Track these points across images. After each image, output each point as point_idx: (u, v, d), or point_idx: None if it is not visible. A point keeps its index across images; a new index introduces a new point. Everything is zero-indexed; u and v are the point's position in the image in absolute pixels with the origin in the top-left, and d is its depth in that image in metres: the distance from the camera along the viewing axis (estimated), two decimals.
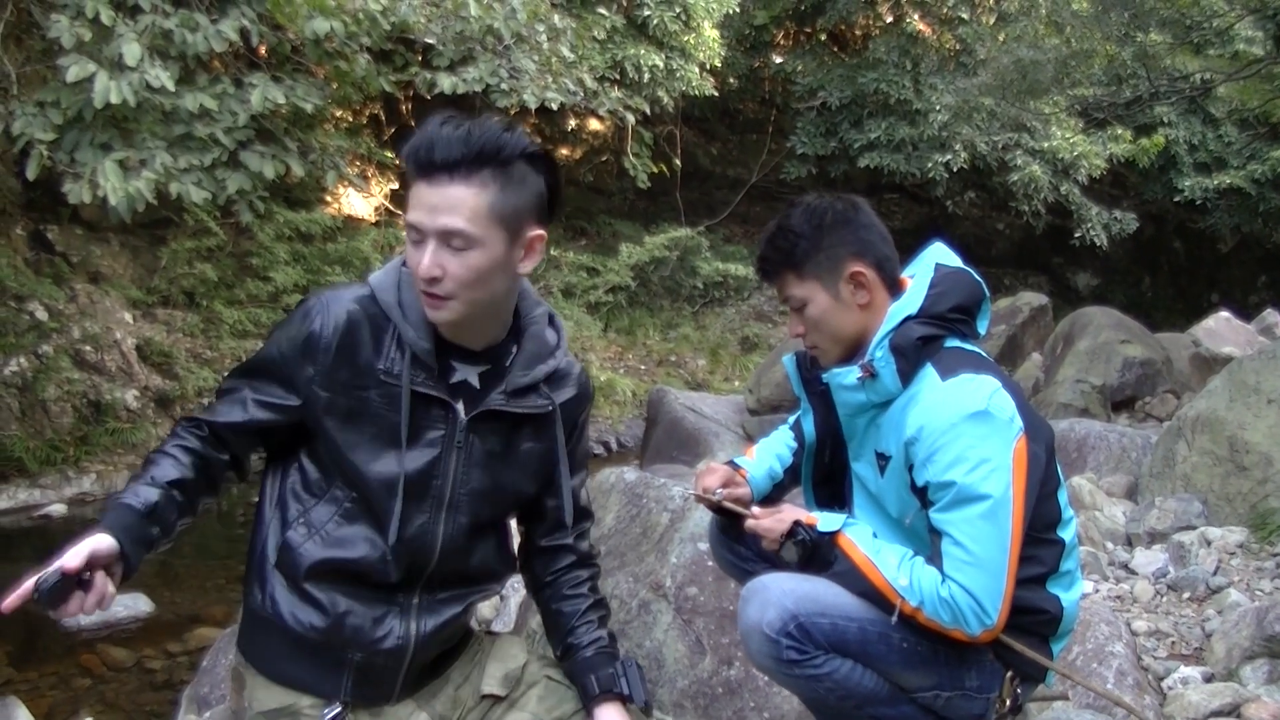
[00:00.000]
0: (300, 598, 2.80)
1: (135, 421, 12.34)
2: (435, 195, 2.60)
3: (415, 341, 2.75)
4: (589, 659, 3.06)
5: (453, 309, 2.70)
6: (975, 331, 3.18)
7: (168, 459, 2.73)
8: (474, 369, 2.88)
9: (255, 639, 2.92)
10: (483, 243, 2.64)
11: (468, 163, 2.60)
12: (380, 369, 2.75)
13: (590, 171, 24.22)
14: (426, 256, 2.62)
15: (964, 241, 24.73)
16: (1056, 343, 11.73)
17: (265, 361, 2.83)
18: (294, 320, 2.80)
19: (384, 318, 2.78)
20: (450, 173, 2.60)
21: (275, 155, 11.19)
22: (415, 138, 2.63)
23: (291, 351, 2.76)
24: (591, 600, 3.17)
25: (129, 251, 14.22)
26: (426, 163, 2.60)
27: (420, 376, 2.77)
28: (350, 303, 2.78)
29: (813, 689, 3.02)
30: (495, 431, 2.89)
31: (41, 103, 9.45)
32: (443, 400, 2.81)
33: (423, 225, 2.62)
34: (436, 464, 2.82)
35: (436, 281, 2.64)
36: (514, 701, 3.00)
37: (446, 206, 2.60)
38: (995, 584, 2.87)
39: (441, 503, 2.85)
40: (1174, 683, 4.35)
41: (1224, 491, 6.19)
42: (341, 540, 2.80)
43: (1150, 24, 15.45)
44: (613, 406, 17.33)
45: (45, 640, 7.79)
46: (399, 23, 11.15)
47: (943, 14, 23.59)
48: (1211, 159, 23.36)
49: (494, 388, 2.87)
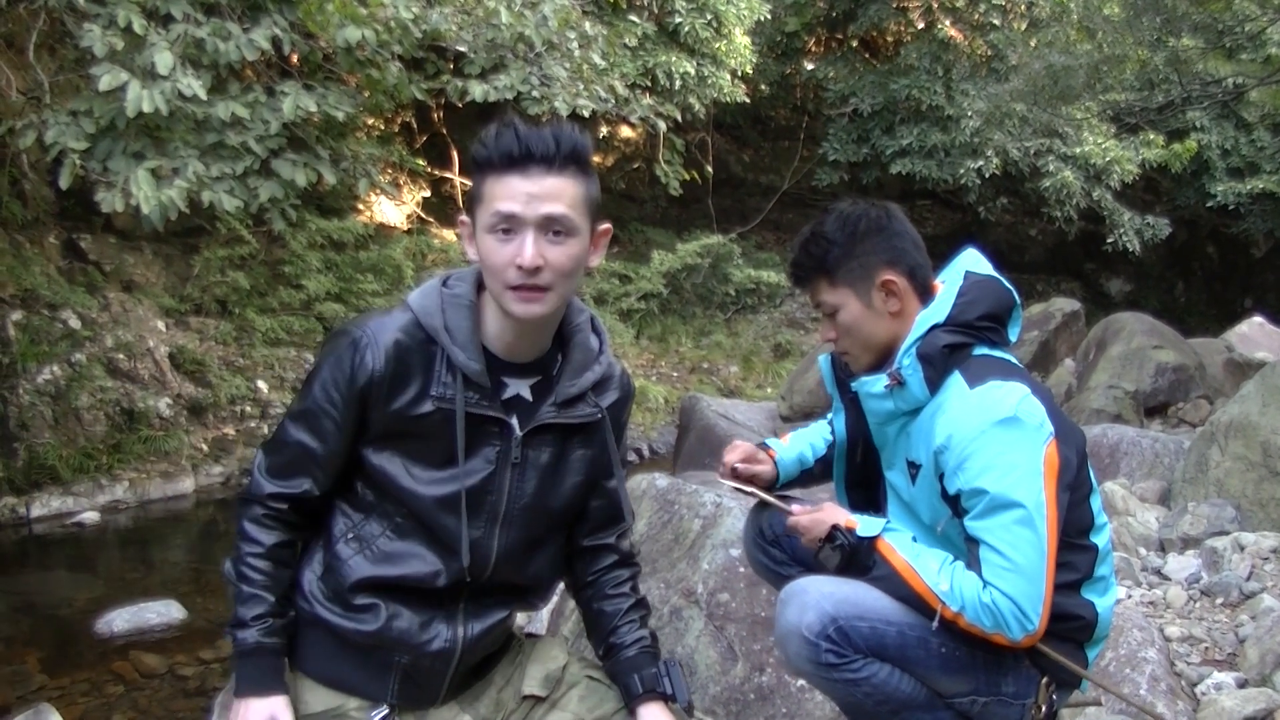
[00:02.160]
0: (346, 606, 2.81)
1: (168, 429, 12.36)
2: (533, 185, 2.60)
3: (466, 364, 2.73)
4: (632, 658, 3.06)
5: (549, 301, 2.68)
6: (1005, 339, 3.18)
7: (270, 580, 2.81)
8: (525, 382, 2.87)
9: (300, 641, 2.90)
10: (579, 232, 2.67)
11: (561, 158, 2.63)
12: (433, 394, 2.74)
13: (622, 179, 24.22)
14: (529, 246, 2.60)
15: (996, 247, 24.67)
16: (1089, 348, 11.69)
17: (322, 408, 2.78)
18: (343, 357, 2.74)
19: (430, 342, 2.75)
20: (548, 165, 2.61)
21: (307, 163, 11.25)
22: (499, 136, 2.63)
23: (349, 393, 2.73)
24: (634, 600, 3.18)
25: (162, 260, 14.27)
26: (523, 154, 2.60)
27: (474, 397, 2.76)
28: (396, 331, 2.74)
29: (850, 693, 3.02)
30: (548, 444, 2.89)
31: (74, 112, 9.50)
32: (497, 418, 2.80)
33: (521, 214, 2.60)
34: (491, 480, 2.82)
35: (538, 271, 2.62)
36: (555, 702, 3.00)
37: (549, 195, 2.61)
38: (1035, 589, 2.87)
39: (496, 518, 2.85)
40: (1207, 688, 4.33)
41: (1257, 496, 6.16)
42: (392, 556, 2.80)
43: (1182, 29, 15.36)
44: (645, 414, 17.32)
45: (78, 647, 7.81)
46: (430, 31, 11.19)
47: (974, 20, 23.53)
48: (1244, 164, 23.26)
49: (545, 399, 2.86)
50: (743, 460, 3.52)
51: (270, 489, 2.81)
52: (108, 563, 10.26)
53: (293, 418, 2.83)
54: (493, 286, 2.70)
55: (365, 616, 2.79)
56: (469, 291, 2.80)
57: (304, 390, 2.82)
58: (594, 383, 2.92)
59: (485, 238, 2.65)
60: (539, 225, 2.61)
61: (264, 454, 2.87)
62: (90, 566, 10.11)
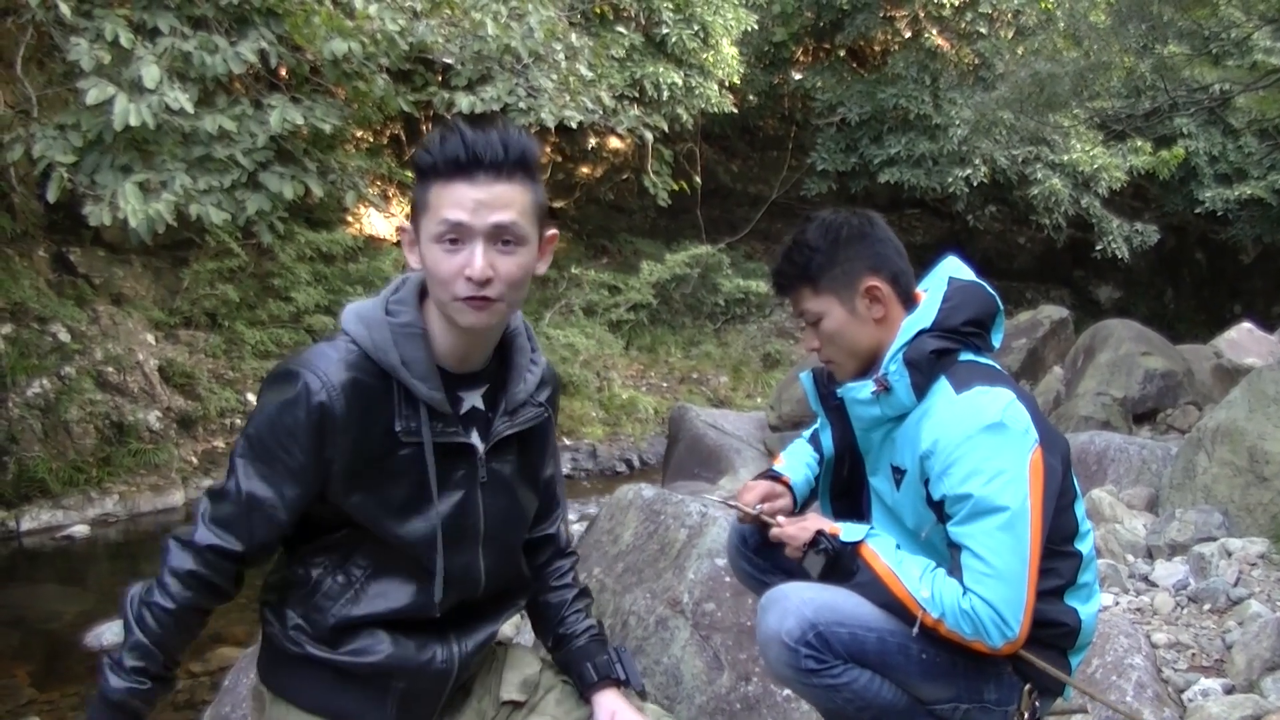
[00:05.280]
0: (337, 645, 2.75)
1: (158, 442, 12.37)
2: (481, 192, 2.52)
3: (429, 395, 2.66)
4: (583, 647, 3.07)
5: (497, 312, 2.61)
6: (989, 344, 3.19)
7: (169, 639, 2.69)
8: (476, 392, 2.81)
9: (289, 674, 2.84)
10: (529, 240, 2.60)
11: (510, 164, 2.55)
12: (398, 430, 2.66)
13: (611, 190, 24.27)
14: (479, 256, 2.52)
15: (986, 255, 24.79)
16: (1077, 356, 11.70)
17: (277, 457, 2.63)
18: (295, 402, 2.60)
19: (384, 374, 2.65)
20: (496, 172, 2.53)
21: (295, 176, 11.24)
22: (445, 141, 2.54)
23: (308, 440, 2.60)
24: (578, 590, 3.18)
25: (151, 273, 14.27)
26: (471, 161, 2.52)
27: (439, 426, 2.70)
28: (347, 369, 2.62)
29: (831, 699, 3.02)
30: (508, 455, 2.87)
31: (62, 125, 9.51)
32: (464, 444, 2.75)
33: (469, 223, 2.52)
34: (465, 505, 2.77)
35: (488, 283, 2.55)
36: (533, 706, 3.00)
37: (498, 203, 2.54)
38: (1016, 596, 2.87)
39: (477, 540, 2.82)
40: (1194, 695, 4.34)
41: (1244, 502, 6.17)
42: (379, 593, 2.75)
43: (1168, 35, 15.41)
44: (635, 424, 17.34)
45: (67, 661, 7.81)
46: (417, 43, 11.24)
47: (961, 29, 23.59)
48: (1232, 170, 23.37)
49: (497, 408, 2.82)
50: (762, 500, 3.46)
51: (210, 540, 2.65)
52: (97, 576, 10.25)
53: (243, 467, 2.66)
54: (440, 296, 2.62)
55: (360, 651, 2.74)
56: (415, 317, 2.70)
57: (253, 438, 2.67)
58: (536, 384, 2.90)
59: (432, 247, 2.57)
60: (488, 235, 2.54)
61: (209, 501, 2.70)
62: (80, 580, 10.10)
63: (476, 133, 2.55)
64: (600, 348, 18.33)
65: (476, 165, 2.53)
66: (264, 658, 2.91)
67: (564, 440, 16.25)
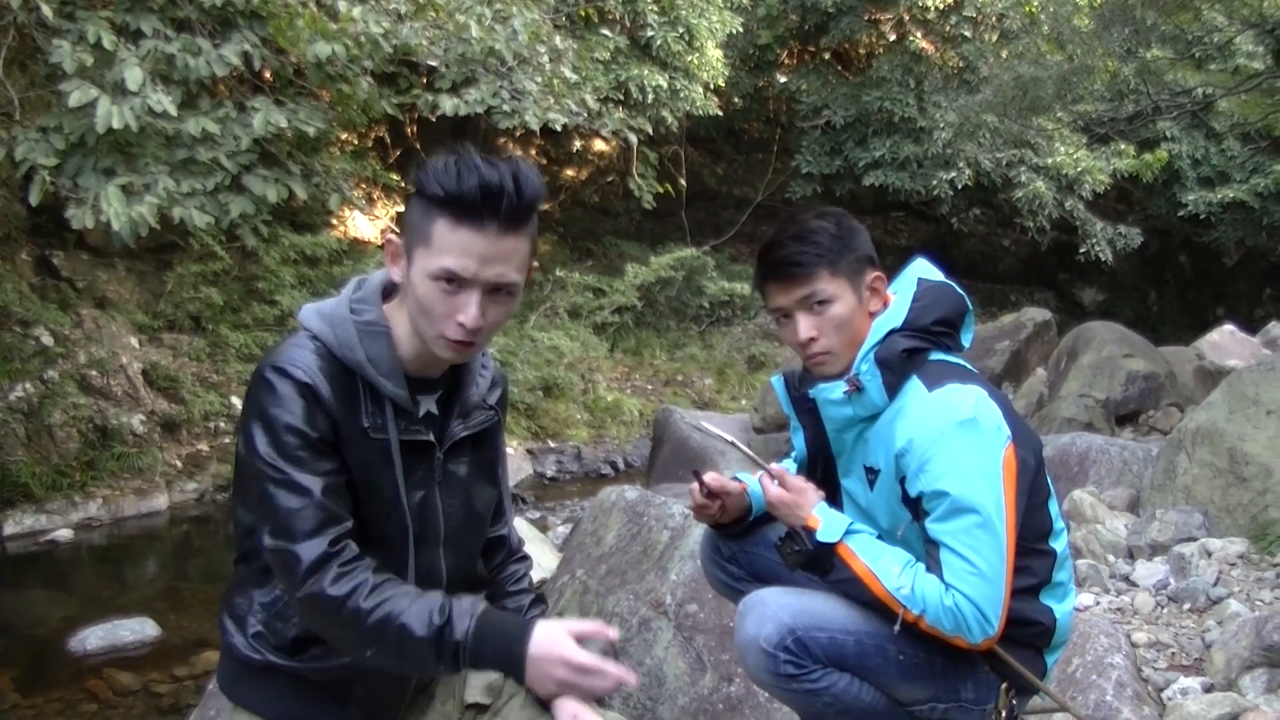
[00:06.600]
0: (298, 652, 2.72)
1: (142, 446, 12.33)
2: (488, 246, 2.48)
3: (395, 393, 2.65)
4: None
5: (476, 350, 2.66)
6: (959, 344, 3.20)
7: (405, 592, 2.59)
8: (432, 397, 2.80)
9: (250, 684, 2.81)
10: (519, 290, 2.60)
11: (523, 214, 2.52)
12: (365, 427, 2.63)
13: (596, 192, 24.25)
14: (474, 308, 2.50)
15: (970, 258, 24.85)
16: (1060, 358, 11.73)
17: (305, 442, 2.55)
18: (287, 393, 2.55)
19: (348, 373, 2.63)
20: (509, 224, 2.49)
21: (279, 179, 11.22)
22: (460, 178, 2.46)
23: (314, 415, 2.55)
24: (533, 596, 3.16)
25: (135, 276, 14.22)
26: (488, 210, 2.47)
27: (403, 424, 2.69)
28: (315, 358, 2.59)
29: (810, 703, 3.03)
30: (464, 456, 2.87)
31: (44, 128, 9.48)
32: (424, 441, 2.75)
33: (475, 275, 2.49)
34: (427, 503, 2.77)
35: (477, 332, 2.55)
36: (497, 711, 2.96)
37: (502, 258, 2.51)
38: (996, 592, 2.89)
39: (439, 540, 2.81)
40: (1173, 693, 4.35)
41: (1224, 503, 6.19)
42: None
43: (1151, 40, 15.50)
44: (620, 426, 17.34)
45: (51, 665, 7.79)
46: (401, 45, 11.21)
47: (945, 32, 23.66)
48: (1215, 173, 23.47)
49: (451, 411, 2.82)
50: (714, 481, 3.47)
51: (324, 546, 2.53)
52: (81, 580, 10.23)
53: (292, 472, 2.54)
54: (423, 328, 2.59)
55: (321, 657, 2.72)
56: (379, 316, 2.69)
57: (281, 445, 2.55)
58: (488, 387, 2.91)
59: (427, 282, 2.52)
60: (489, 288, 2.53)
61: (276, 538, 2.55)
62: (64, 584, 10.08)
63: (491, 172, 2.47)
64: (585, 350, 18.30)
65: (490, 214, 2.48)
66: (224, 668, 2.88)
67: (549, 442, 16.24)
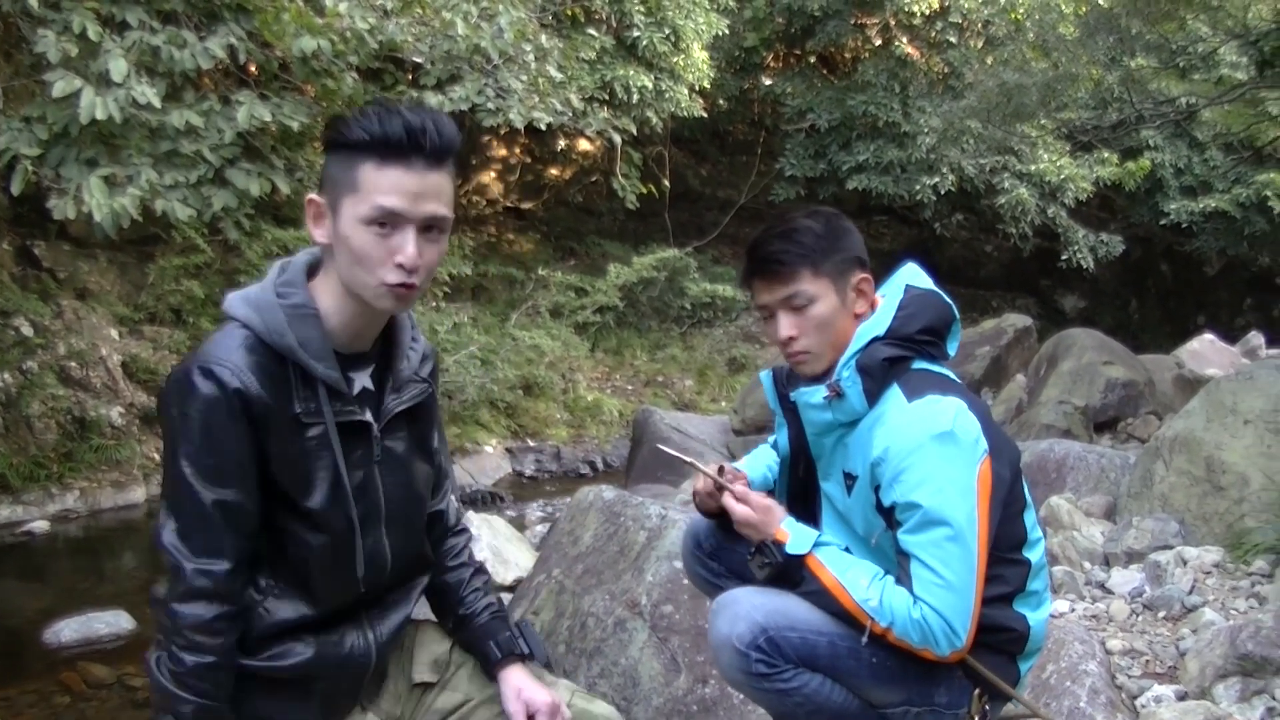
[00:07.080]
0: (258, 652, 2.71)
1: (120, 438, 12.29)
2: (417, 182, 2.51)
3: (327, 374, 2.64)
4: (485, 625, 3.08)
5: (415, 298, 2.63)
6: (944, 353, 3.19)
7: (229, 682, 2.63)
8: (364, 372, 2.79)
9: None
10: (449, 228, 2.63)
11: (444, 152, 2.55)
12: (299, 412, 2.62)
13: (579, 192, 24.22)
14: (411, 245, 2.52)
15: (952, 263, 24.88)
16: (1040, 364, 11.75)
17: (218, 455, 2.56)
18: (210, 399, 2.54)
19: (279, 359, 2.61)
20: (431, 160, 2.53)
21: (262, 173, 11.17)
22: (383, 121, 2.50)
23: (236, 427, 2.56)
24: (474, 568, 3.19)
25: (116, 268, 14.18)
26: (413, 148, 2.50)
27: (338, 406, 2.68)
28: (245, 353, 2.58)
29: (782, 703, 3.03)
30: (400, 432, 2.87)
31: (28, 118, 9.43)
32: (361, 421, 2.74)
33: (406, 212, 2.51)
34: (367, 482, 2.77)
35: (416, 271, 2.55)
36: (445, 683, 3.01)
37: (432, 193, 2.54)
38: (964, 606, 2.89)
39: (380, 521, 2.81)
40: (1147, 701, 4.36)
41: (1200, 511, 6.22)
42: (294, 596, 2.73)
43: (1136, 49, 15.53)
44: (599, 426, 17.33)
45: (25, 657, 7.75)
46: (387, 42, 11.19)
47: (931, 38, 23.68)
48: (1197, 182, 23.54)
49: (385, 387, 2.82)
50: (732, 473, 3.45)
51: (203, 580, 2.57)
52: (57, 572, 10.18)
53: (196, 484, 2.55)
54: (360, 279, 2.59)
55: (281, 654, 2.72)
56: (306, 298, 2.67)
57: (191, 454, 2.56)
58: (419, 360, 2.91)
59: (359, 229, 2.54)
60: (423, 224, 2.55)
61: (179, 540, 2.58)
62: (39, 576, 10.03)
63: (414, 115, 2.53)
64: (566, 350, 18.28)
65: (416, 151, 2.52)
66: None
67: (528, 441, 16.23)
